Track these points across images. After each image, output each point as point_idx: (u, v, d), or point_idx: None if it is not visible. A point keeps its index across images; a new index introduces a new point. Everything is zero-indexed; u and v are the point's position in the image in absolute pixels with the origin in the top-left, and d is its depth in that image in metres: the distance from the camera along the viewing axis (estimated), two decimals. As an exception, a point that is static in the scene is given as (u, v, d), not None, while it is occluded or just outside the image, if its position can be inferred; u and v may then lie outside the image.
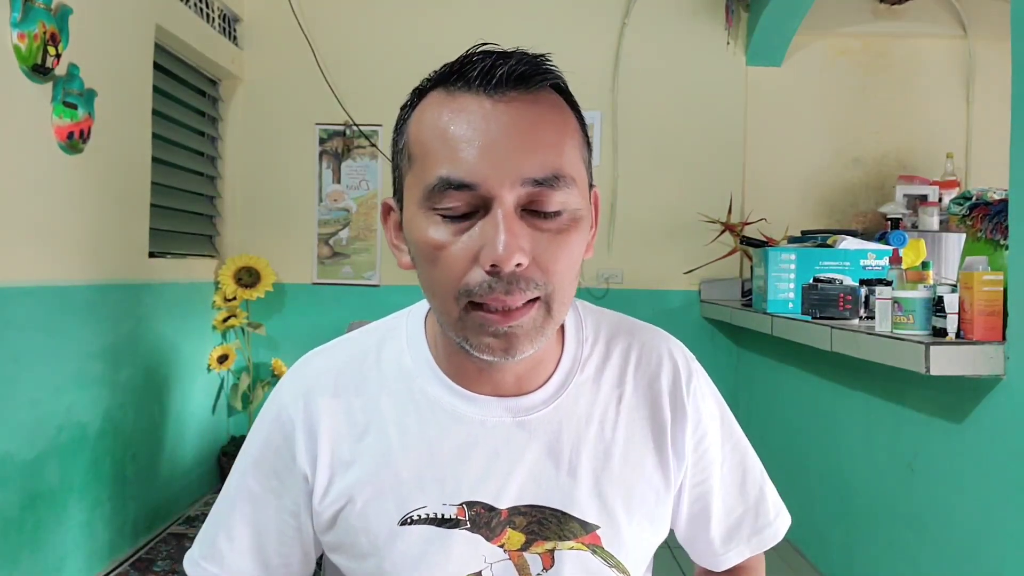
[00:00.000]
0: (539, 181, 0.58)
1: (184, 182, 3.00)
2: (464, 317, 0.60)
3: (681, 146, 3.38)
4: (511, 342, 0.60)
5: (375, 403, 0.69)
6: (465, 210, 0.58)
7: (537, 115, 0.60)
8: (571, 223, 0.61)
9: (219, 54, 3.08)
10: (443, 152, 0.59)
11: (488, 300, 0.58)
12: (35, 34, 1.90)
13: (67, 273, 2.12)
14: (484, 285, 0.58)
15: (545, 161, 0.58)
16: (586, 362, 0.72)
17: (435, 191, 0.58)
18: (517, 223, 0.58)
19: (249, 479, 0.71)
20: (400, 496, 0.67)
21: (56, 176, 2.07)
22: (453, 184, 0.57)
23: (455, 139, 0.58)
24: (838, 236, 2.53)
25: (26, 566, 1.95)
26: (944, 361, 1.57)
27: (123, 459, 2.41)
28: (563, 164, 0.60)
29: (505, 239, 0.56)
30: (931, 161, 3.41)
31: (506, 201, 0.57)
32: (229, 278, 3.10)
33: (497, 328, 0.59)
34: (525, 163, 0.58)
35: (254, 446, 0.72)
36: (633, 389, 0.72)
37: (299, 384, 0.72)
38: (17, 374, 1.92)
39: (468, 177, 0.57)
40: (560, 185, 0.59)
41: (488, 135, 0.58)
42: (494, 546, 0.66)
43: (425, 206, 0.60)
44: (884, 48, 3.46)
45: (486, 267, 0.57)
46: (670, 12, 3.36)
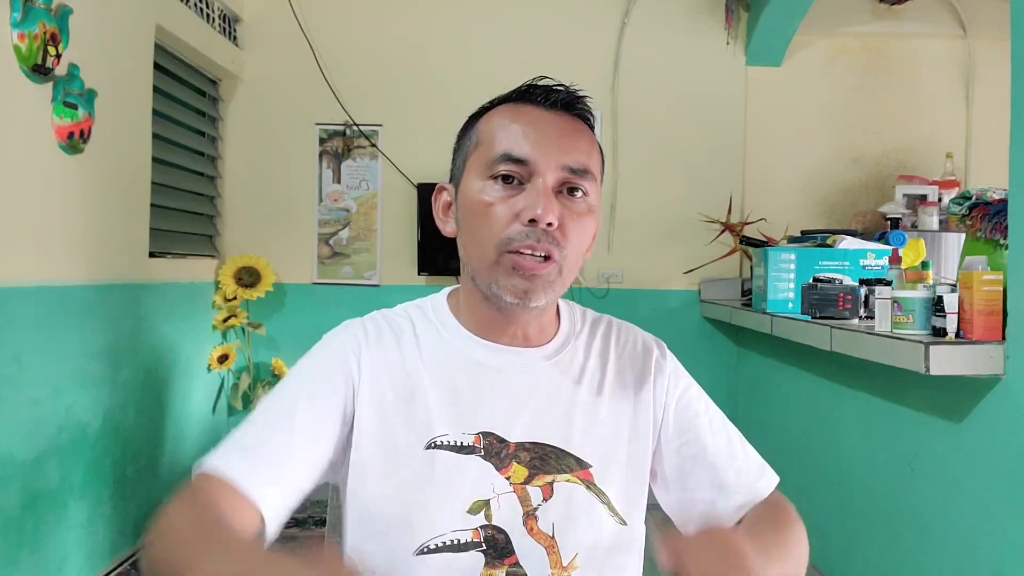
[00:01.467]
0: (574, 169, 0.78)
1: (184, 182, 3.00)
2: (500, 260, 0.77)
3: (681, 146, 3.38)
4: (531, 287, 0.77)
5: (412, 349, 0.83)
6: (516, 179, 0.77)
7: (576, 129, 0.82)
8: (588, 211, 0.80)
9: (219, 54, 3.08)
10: (508, 137, 0.79)
11: (523, 246, 0.76)
12: (35, 34, 1.90)
13: (67, 273, 2.12)
14: (522, 234, 0.76)
15: (579, 158, 0.79)
16: (579, 333, 0.89)
17: (497, 161, 0.78)
18: (553, 195, 0.77)
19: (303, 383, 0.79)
20: (426, 424, 0.79)
21: (56, 176, 2.07)
22: (512, 158, 0.77)
23: (518, 130, 0.79)
24: (838, 236, 2.53)
25: (26, 566, 1.95)
26: (944, 361, 1.58)
27: (123, 459, 2.41)
28: (591, 164, 0.80)
29: (545, 202, 0.75)
30: (931, 161, 3.41)
31: (548, 178, 0.77)
32: (229, 278, 3.10)
33: (524, 271, 0.76)
34: (565, 155, 0.78)
35: (314, 356, 0.82)
36: (616, 357, 0.88)
37: (349, 326, 0.85)
38: (18, 374, 1.92)
39: (523, 155, 0.77)
40: (587, 178, 0.79)
41: (543, 131, 0.79)
42: (502, 477, 0.78)
43: (485, 175, 0.79)
44: (884, 48, 3.46)
45: (525, 221, 0.75)
46: (670, 12, 3.36)
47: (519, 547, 0.77)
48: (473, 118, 0.85)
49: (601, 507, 0.80)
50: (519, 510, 0.77)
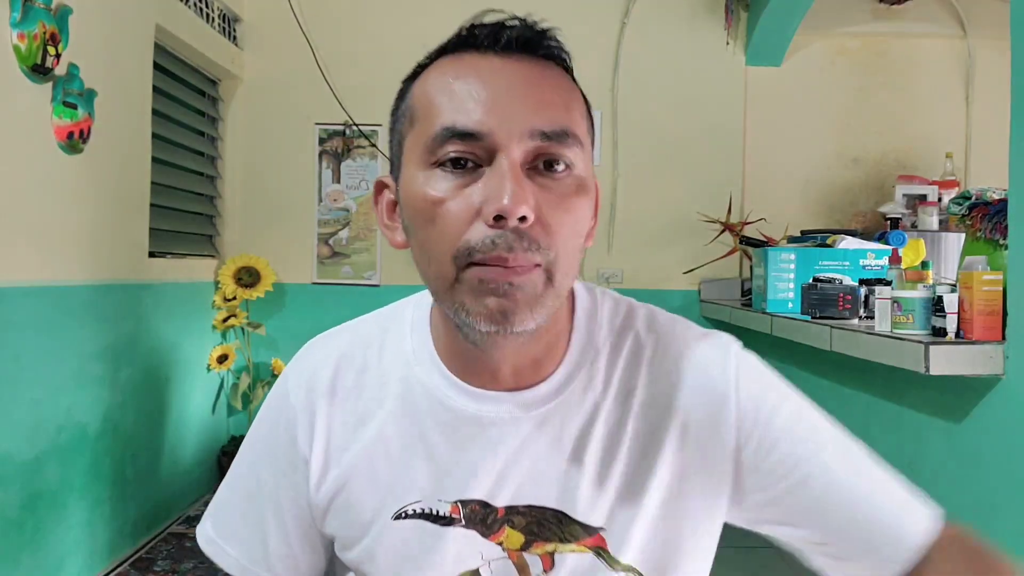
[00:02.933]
0: (547, 135, 0.56)
1: (184, 182, 3.00)
2: (461, 278, 0.56)
3: (681, 146, 3.38)
4: (510, 305, 0.55)
5: (374, 393, 0.67)
6: (468, 161, 0.56)
7: (544, 76, 0.59)
8: (577, 187, 0.58)
9: (219, 54, 3.08)
10: (449, 104, 0.56)
11: (489, 257, 0.54)
12: (35, 34, 1.90)
13: (67, 273, 2.12)
14: (487, 241, 0.54)
15: (554, 116, 0.57)
16: (598, 353, 0.66)
17: (437, 141, 0.56)
18: (523, 176, 0.55)
19: (256, 461, 0.71)
20: (393, 489, 0.65)
21: (56, 176, 2.07)
22: (458, 133, 0.55)
23: (462, 91, 0.56)
24: (838, 236, 2.53)
25: (26, 566, 1.95)
26: (943, 361, 1.57)
27: (123, 459, 2.41)
28: (571, 123, 0.58)
29: (512, 188, 0.53)
30: (930, 161, 3.41)
31: (513, 153, 0.55)
32: (229, 278, 3.10)
33: (497, 284, 0.54)
34: (534, 116, 0.56)
35: (260, 429, 0.72)
36: (647, 383, 0.65)
37: (302, 370, 0.71)
38: (17, 374, 1.92)
39: (475, 127, 0.55)
40: (569, 143, 0.57)
41: (496, 87, 0.56)
42: (492, 543, 0.63)
43: (426, 162, 0.57)
44: (883, 48, 3.46)
45: (489, 219, 0.54)
46: (670, 12, 3.36)
47: None
48: (407, 82, 0.63)
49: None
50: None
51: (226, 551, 0.70)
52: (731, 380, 0.65)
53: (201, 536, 0.73)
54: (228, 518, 0.72)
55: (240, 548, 0.70)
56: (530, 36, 0.59)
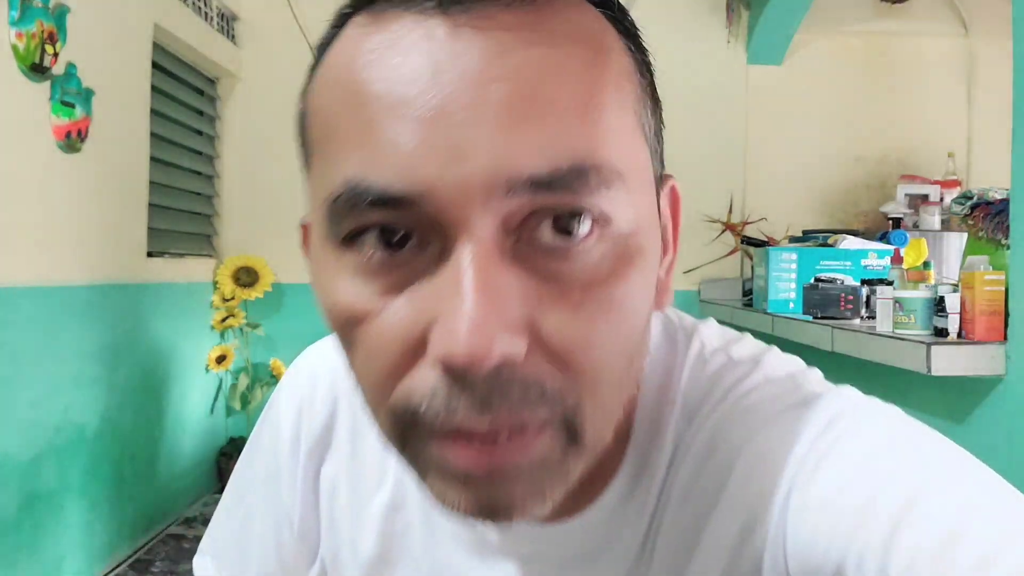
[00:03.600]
0: (543, 182, 0.30)
1: (182, 181, 2.99)
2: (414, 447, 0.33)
3: (681, 145, 3.34)
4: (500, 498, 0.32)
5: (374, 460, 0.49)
6: (402, 236, 0.32)
7: (537, 44, 0.31)
8: (622, 252, 0.33)
9: (217, 53, 3.07)
10: (356, 133, 0.32)
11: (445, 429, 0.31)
12: (33, 33, 1.89)
13: (65, 273, 2.11)
14: (438, 398, 0.31)
15: (556, 140, 0.30)
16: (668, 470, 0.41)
17: (340, 208, 0.32)
18: (504, 271, 0.31)
19: (244, 479, 0.59)
20: None
21: (54, 176, 2.06)
22: (371, 197, 0.31)
23: (377, 104, 0.31)
24: (839, 236, 2.52)
25: (24, 567, 1.94)
26: (945, 361, 1.57)
27: (121, 460, 2.41)
28: (596, 143, 0.31)
29: (475, 311, 0.29)
30: (932, 160, 3.40)
31: (478, 228, 0.30)
32: (227, 278, 3.09)
33: (469, 472, 0.32)
34: (514, 144, 0.30)
35: (250, 456, 0.58)
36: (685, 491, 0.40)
37: (294, 398, 0.54)
38: (15, 375, 1.91)
39: (400, 183, 0.30)
40: (591, 185, 0.31)
41: (439, 92, 0.30)
42: None
43: (331, 235, 0.34)
44: (885, 47, 3.45)
45: (437, 367, 0.31)
46: (670, 10, 3.35)
47: None
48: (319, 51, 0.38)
49: None
50: None
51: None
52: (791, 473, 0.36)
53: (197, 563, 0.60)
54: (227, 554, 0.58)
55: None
56: None
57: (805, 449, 0.36)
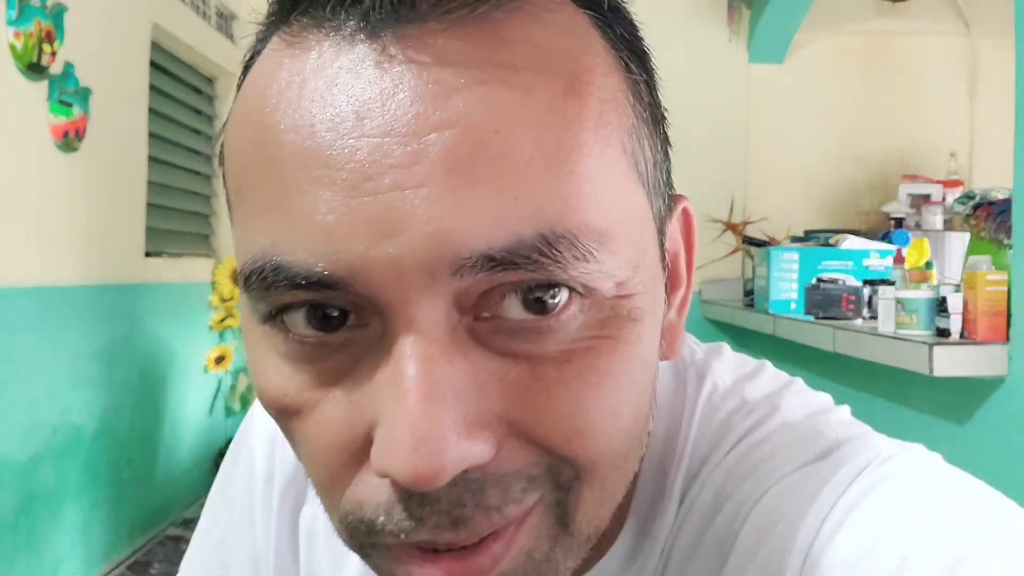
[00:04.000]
0: (500, 259, 0.24)
1: (180, 180, 2.98)
2: (371, 555, 0.29)
3: (682, 144, 3.33)
4: None
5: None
6: (335, 317, 0.26)
7: (490, 80, 0.25)
8: (606, 328, 0.27)
9: (216, 52, 3.06)
10: (266, 192, 0.26)
11: (408, 542, 0.26)
12: (31, 32, 1.88)
13: (62, 273, 2.11)
14: (396, 512, 0.26)
15: (516, 203, 0.24)
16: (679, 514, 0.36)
17: (255, 286, 0.27)
18: (457, 361, 0.25)
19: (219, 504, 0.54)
20: None
21: (51, 175, 2.05)
22: (289, 277, 0.25)
23: (288, 159, 0.25)
24: (841, 235, 2.51)
25: (21, 569, 1.94)
26: (948, 362, 1.56)
27: (119, 461, 2.40)
28: (570, 202, 0.25)
29: (418, 417, 0.24)
30: (934, 160, 3.39)
31: (419, 316, 0.25)
32: (226, 278, 3.09)
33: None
34: (461, 216, 0.24)
35: (224, 477, 0.53)
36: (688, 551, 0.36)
37: (264, 434, 0.49)
38: (12, 375, 1.90)
39: (320, 262, 0.25)
40: (564, 258, 0.25)
41: (362, 146, 0.24)
42: None
43: (255, 311, 0.28)
44: (886, 46, 3.44)
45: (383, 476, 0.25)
46: (671, 9, 3.34)
47: None
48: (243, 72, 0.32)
49: None
50: None
51: None
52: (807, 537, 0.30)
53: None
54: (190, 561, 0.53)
55: None
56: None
57: (825, 509, 0.31)
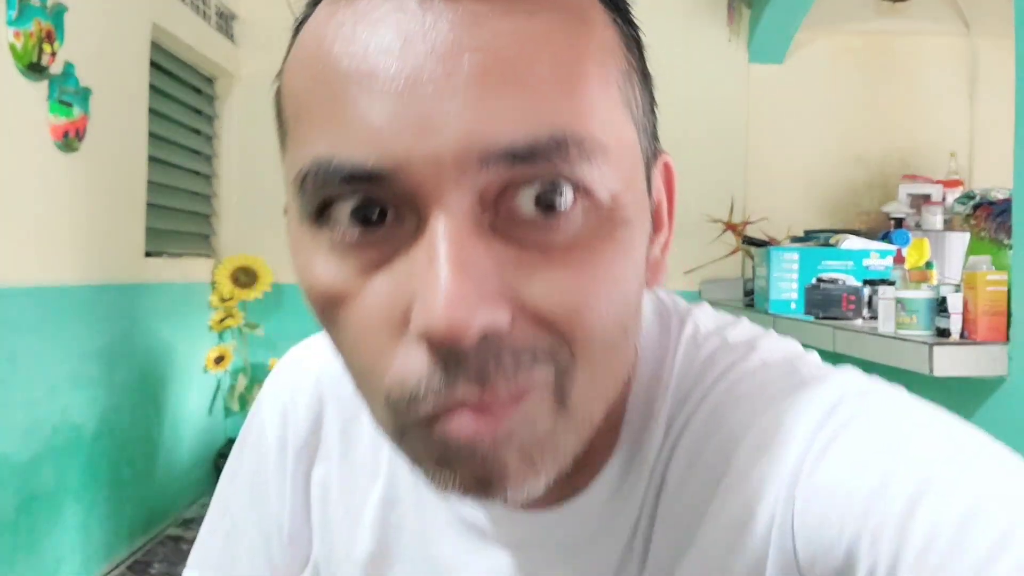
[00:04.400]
0: (519, 154, 0.29)
1: (180, 181, 2.98)
2: (408, 437, 0.33)
3: (682, 144, 3.35)
4: (493, 470, 0.32)
5: (365, 459, 0.48)
6: (378, 208, 0.31)
7: (513, 14, 0.30)
8: (607, 224, 0.32)
9: (216, 52, 3.06)
10: (324, 111, 0.31)
11: (443, 408, 0.31)
12: (31, 32, 1.88)
13: (62, 273, 2.11)
14: (433, 382, 0.30)
15: (534, 110, 0.29)
16: (659, 455, 0.40)
17: (312, 186, 0.31)
18: (481, 243, 0.30)
19: (229, 490, 0.56)
20: None
21: (51, 175, 2.05)
22: (342, 173, 0.30)
23: (345, 79, 0.30)
24: (841, 235, 2.51)
25: (21, 569, 1.94)
26: (948, 362, 1.56)
27: (119, 461, 2.40)
28: (577, 114, 0.30)
29: (451, 284, 0.28)
30: (934, 160, 3.39)
31: (452, 202, 0.30)
32: (226, 278, 3.09)
33: (467, 447, 0.31)
34: (487, 115, 0.29)
35: (235, 465, 0.56)
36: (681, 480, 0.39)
37: (278, 402, 0.53)
38: (12, 375, 1.90)
39: (369, 159, 0.29)
40: (571, 156, 0.30)
41: (409, 64, 0.29)
42: None
43: (306, 216, 0.33)
44: (886, 46, 3.44)
45: (420, 341, 0.30)
46: (671, 9, 3.34)
47: None
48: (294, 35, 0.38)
49: None
50: None
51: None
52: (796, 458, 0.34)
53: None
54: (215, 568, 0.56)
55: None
56: None
57: (810, 433, 0.35)
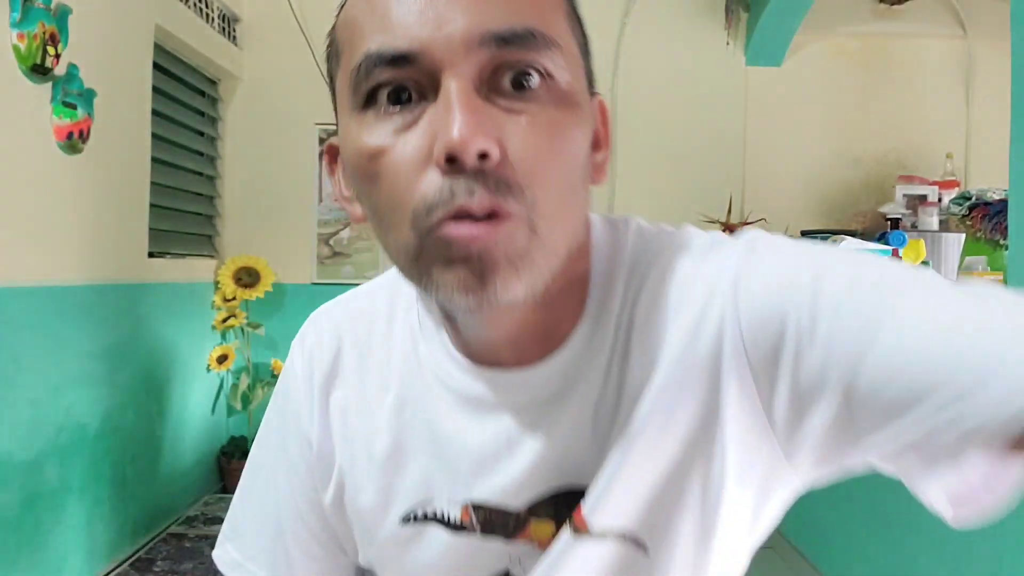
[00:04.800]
0: (504, 38, 0.43)
1: (184, 182, 3.00)
2: (425, 244, 0.44)
3: (681, 146, 3.37)
4: (485, 271, 0.43)
5: (379, 377, 0.59)
6: (407, 92, 0.44)
7: None
8: (561, 101, 0.45)
9: (219, 54, 3.08)
10: (371, 23, 0.45)
11: (452, 210, 0.42)
12: (35, 34, 1.90)
13: (66, 273, 2.12)
14: (445, 188, 0.42)
15: (512, 10, 0.44)
16: (620, 310, 0.52)
17: (362, 73, 0.44)
18: (479, 100, 0.43)
19: (269, 465, 0.65)
20: (400, 489, 0.57)
21: (55, 176, 2.06)
22: (385, 58, 0.43)
23: (386, 1, 0.44)
24: (838, 236, 2.53)
25: (25, 567, 1.95)
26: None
27: (122, 459, 2.41)
28: (539, 19, 0.44)
29: (461, 116, 0.41)
30: (930, 161, 3.41)
31: (461, 69, 0.43)
32: (229, 278, 3.10)
33: (466, 245, 0.42)
34: (481, 15, 0.43)
35: (269, 426, 0.66)
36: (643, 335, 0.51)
37: (304, 351, 0.63)
38: (16, 375, 1.91)
39: (403, 45, 0.43)
40: (538, 45, 0.44)
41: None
42: (519, 543, 0.54)
43: (356, 105, 0.46)
44: (884, 48, 3.46)
45: (442, 163, 0.42)
46: (670, 12, 3.36)
47: None
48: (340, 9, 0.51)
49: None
50: None
51: (254, 574, 0.64)
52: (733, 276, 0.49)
53: (224, 561, 0.65)
54: (249, 535, 0.65)
55: (268, 568, 0.63)
56: None
57: (740, 261, 0.50)
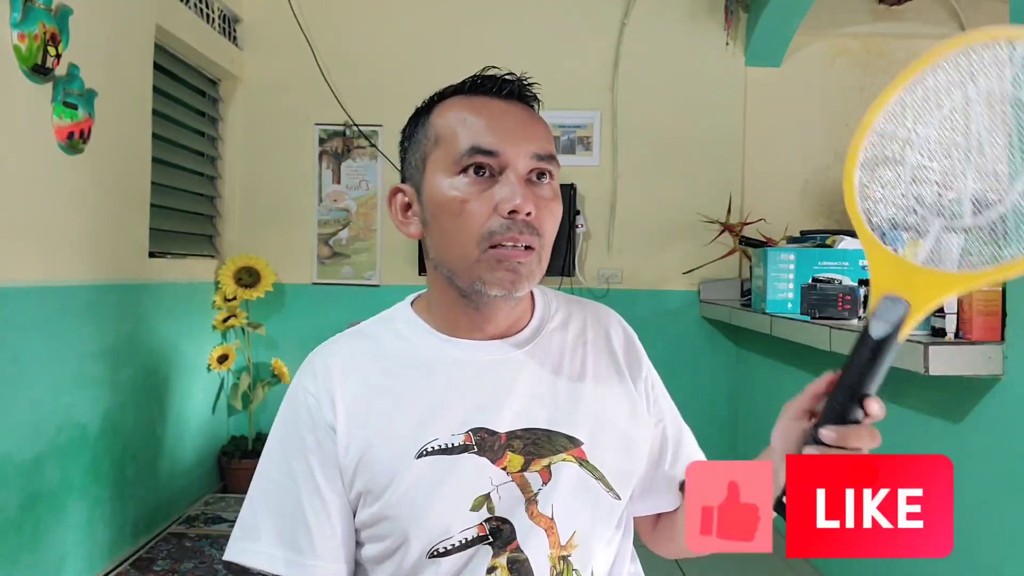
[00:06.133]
0: (541, 156, 0.80)
1: (184, 182, 3.00)
2: (482, 257, 0.77)
3: (680, 146, 3.38)
4: (517, 278, 0.78)
5: (384, 364, 0.83)
6: (487, 170, 0.78)
7: (532, 116, 0.83)
8: (555, 195, 0.82)
9: (219, 54, 3.08)
10: (470, 131, 0.79)
11: (506, 238, 0.76)
12: (35, 34, 1.90)
13: (67, 273, 2.12)
14: (503, 226, 0.76)
15: (544, 145, 0.81)
16: (553, 316, 0.90)
17: (466, 155, 0.78)
18: (525, 186, 0.78)
19: (284, 457, 0.81)
20: (413, 434, 0.78)
21: (56, 176, 2.07)
22: (482, 150, 0.78)
23: (481, 123, 0.79)
24: (837, 236, 2.53)
25: (26, 566, 1.95)
26: (943, 361, 1.58)
27: (123, 459, 2.41)
28: (552, 149, 0.82)
29: (522, 192, 0.77)
30: (930, 161, 3.40)
31: (519, 167, 0.78)
32: (229, 278, 3.10)
33: (511, 263, 0.77)
34: (531, 143, 0.79)
35: (280, 429, 0.83)
36: (594, 337, 0.90)
37: (312, 367, 0.84)
38: (17, 374, 1.92)
39: (493, 147, 0.78)
40: (552, 163, 0.81)
41: (504, 121, 0.80)
42: (498, 468, 0.78)
43: (452, 170, 0.79)
44: (883, 48, 3.46)
45: (504, 213, 0.76)
46: (669, 13, 3.36)
47: (520, 532, 0.78)
48: (421, 112, 0.85)
49: (596, 483, 0.81)
50: (520, 497, 0.78)
51: (272, 555, 0.79)
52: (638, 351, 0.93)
53: (239, 553, 0.80)
54: (264, 526, 0.80)
55: (285, 546, 0.79)
56: (522, 88, 0.83)
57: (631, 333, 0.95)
